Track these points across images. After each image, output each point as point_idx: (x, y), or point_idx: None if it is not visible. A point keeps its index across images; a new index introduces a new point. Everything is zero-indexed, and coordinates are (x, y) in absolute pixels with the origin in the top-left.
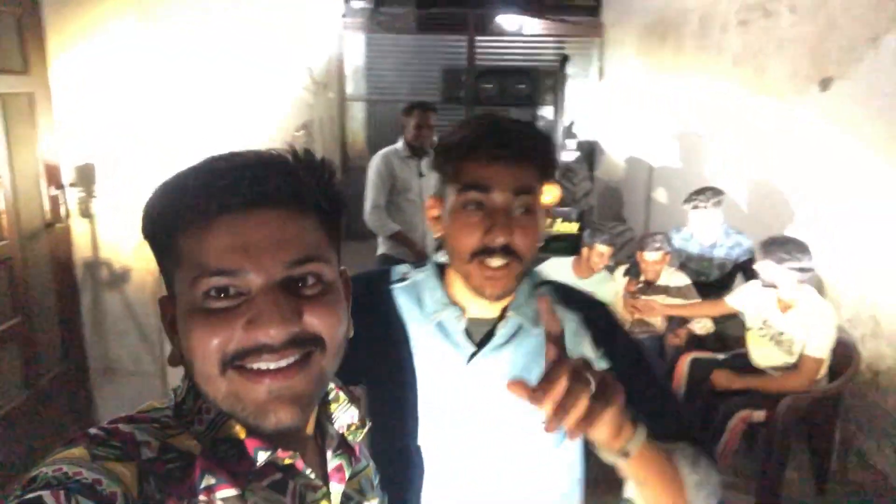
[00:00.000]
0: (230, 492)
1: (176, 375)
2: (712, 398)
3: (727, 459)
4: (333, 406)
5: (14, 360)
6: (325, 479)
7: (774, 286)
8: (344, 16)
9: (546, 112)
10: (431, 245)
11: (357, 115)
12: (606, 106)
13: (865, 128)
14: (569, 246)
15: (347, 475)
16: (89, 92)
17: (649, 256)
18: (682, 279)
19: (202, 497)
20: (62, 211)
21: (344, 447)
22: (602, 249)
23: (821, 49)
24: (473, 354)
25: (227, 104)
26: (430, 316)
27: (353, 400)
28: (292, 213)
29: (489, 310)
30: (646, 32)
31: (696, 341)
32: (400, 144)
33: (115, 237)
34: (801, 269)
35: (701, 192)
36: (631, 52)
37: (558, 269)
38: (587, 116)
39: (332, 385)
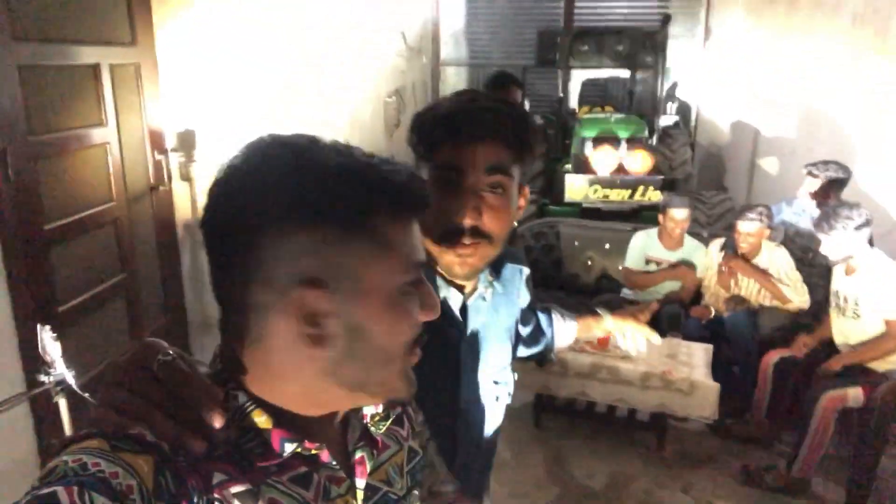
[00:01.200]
0: (246, 486)
1: None
2: (802, 388)
3: (821, 449)
4: None
5: (120, 313)
6: (350, 471)
7: (850, 258)
8: None
9: (646, 74)
10: None
11: (450, 79)
12: (712, 68)
13: None
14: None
15: (369, 468)
16: (192, 62)
17: (743, 227)
18: (783, 258)
19: (217, 494)
20: (164, 175)
21: (366, 439)
22: (675, 214)
23: None
24: (462, 331)
25: (324, 71)
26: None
27: None
28: None
29: (467, 286)
30: None
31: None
32: None
33: None
34: (863, 225)
35: (825, 163)
36: (740, 10)
37: (647, 240)
38: (691, 79)
39: None
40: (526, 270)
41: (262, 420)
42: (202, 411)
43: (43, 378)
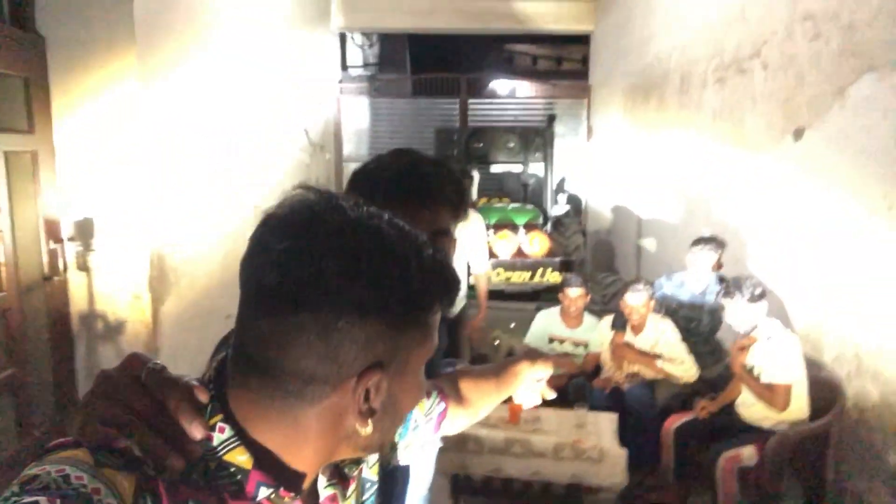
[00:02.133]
0: None
1: None
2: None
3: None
4: None
5: (8, 410)
6: None
7: (749, 328)
8: (341, 81)
9: (536, 169)
10: None
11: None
12: (595, 162)
13: (838, 173)
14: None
15: (342, 501)
16: (90, 150)
17: (631, 300)
18: (669, 329)
19: None
20: (60, 264)
21: (337, 477)
22: (571, 293)
23: (793, 102)
24: None
25: (225, 165)
26: None
27: None
28: None
29: None
30: (631, 92)
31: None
32: None
33: (111, 290)
34: (759, 297)
35: (703, 240)
36: (617, 110)
37: (548, 319)
38: (577, 173)
39: None
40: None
41: (243, 459)
42: (184, 420)
43: None
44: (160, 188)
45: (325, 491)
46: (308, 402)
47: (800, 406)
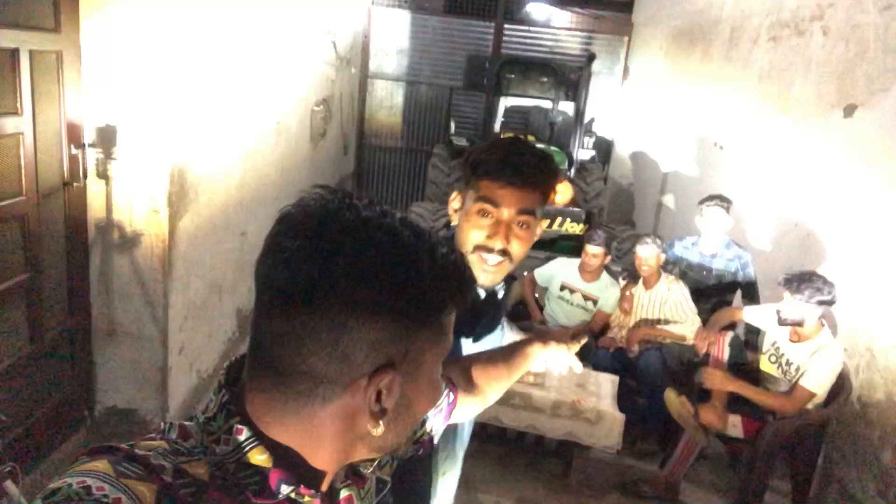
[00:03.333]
0: None
1: (176, 342)
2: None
3: (691, 457)
4: None
5: (21, 314)
6: None
7: (800, 324)
8: None
9: (567, 107)
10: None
11: (378, 92)
12: (627, 106)
13: (885, 160)
14: (575, 246)
15: (357, 502)
16: (118, 54)
17: (641, 252)
18: (680, 291)
19: None
20: (80, 171)
21: (353, 477)
22: (593, 250)
23: (849, 75)
24: (477, 330)
25: (252, 74)
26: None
27: None
28: None
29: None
30: (675, 37)
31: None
32: None
33: (130, 201)
34: (828, 303)
35: (711, 197)
36: (658, 54)
37: (567, 269)
38: (608, 115)
39: None
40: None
41: (262, 459)
42: None
43: None
44: (184, 100)
45: (342, 492)
46: (320, 402)
47: (807, 406)
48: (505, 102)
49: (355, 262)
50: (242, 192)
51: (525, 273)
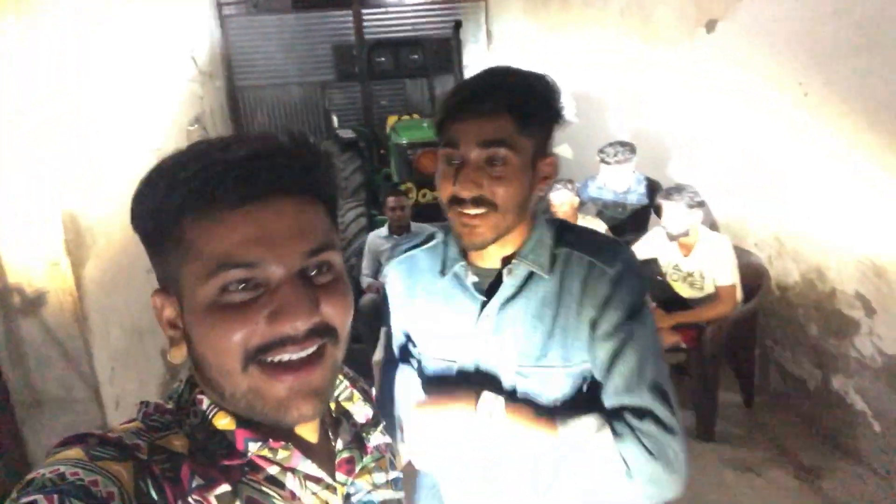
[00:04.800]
0: (223, 488)
1: (110, 396)
2: None
3: None
4: (347, 404)
5: None
6: (332, 469)
7: (686, 234)
8: (221, 2)
9: (445, 81)
10: None
11: (249, 100)
12: None
13: (753, 63)
14: None
15: (357, 468)
16: None
17: (555, 198)
18: (599, 226)
19: (195, 496)
20: None
21: (356, 442)
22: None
23: None
24: (484, 304)
25: (118, 107)
26: (446, 271)
27: (367, 398)
28: (306, 201)
29: (497, 261)
30: None
31: None
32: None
33: (25, 260)
34: (700, 204)
35: (611, 146)
36: (517, 15)
37: None
38: None
39: (346, 383)
40: (610, 271)
41: (225, 422)
42: None
43: None
44: (59, 142)
45: (342, 453)
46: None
47: (737, 301)
48: (381, 86)
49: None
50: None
51: None
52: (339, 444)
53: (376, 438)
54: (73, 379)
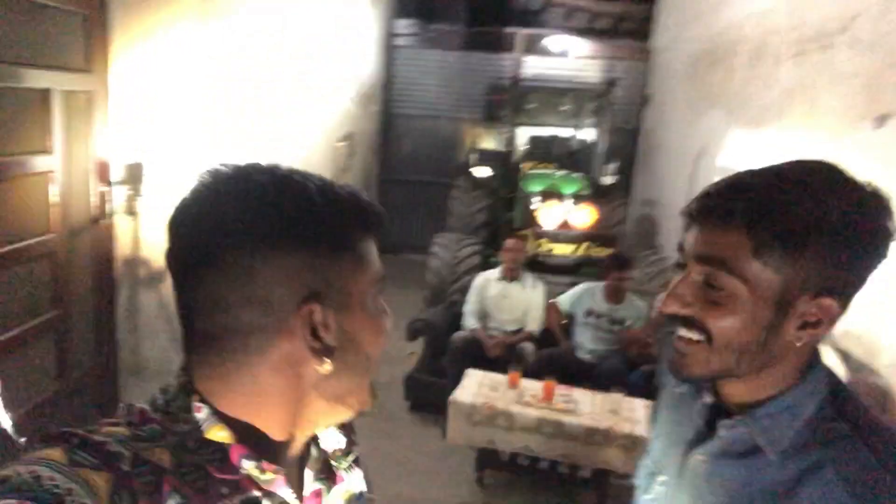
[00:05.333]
0: None
1: None
2: None
3: None
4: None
5: (48, 352)
6: (301, 500)
7: None
8: (393, 33)
9: (587, 134)
10: None
11: (399, 127)
12: (649, 131)
13: None
14: (599, 271)
15: (324, 499)
16: (146, 93)
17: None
18: None
19: None
20: (108, 208)
21: (326, 472)
22: (620, 274)
23: (878, 84)
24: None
25: (277, 112)
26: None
27: (341, 427)
28: None
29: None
30: (695, 60)
31: None
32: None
33: (157, 236)
34: None
35: None
36: (678, 78)
37: (591, 294)
38: (630, 141)
39: None
40: None
41: (222, 435)
42: None
43: None
44: (210, 136)
45: (312, 484)
46: (258, 357)
47: None
48: (526, 132)
49: (241, 201)
50: None
51: (550, 300)
52: (310, 475)
53: (346, 469)
54: (174, 356)
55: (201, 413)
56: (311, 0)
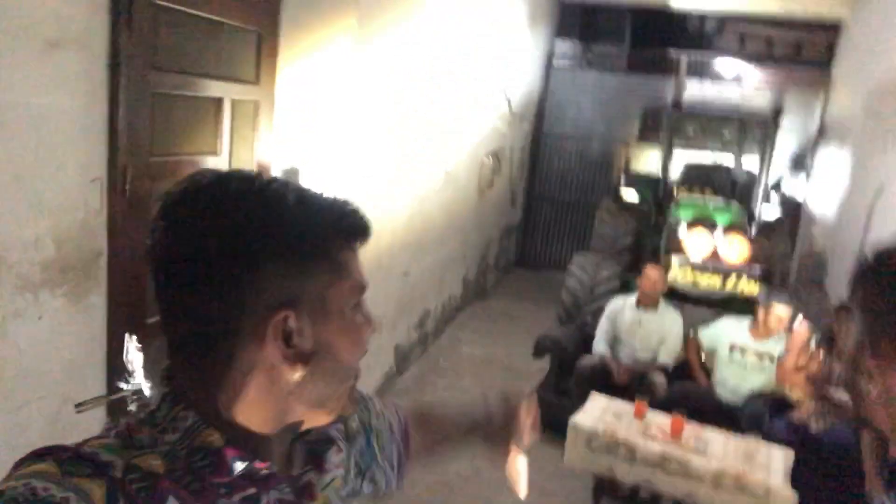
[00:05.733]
0: None
1: None
2: None
3: None
4: None
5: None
6: (300, 492)
7: None
8: (552, 53)
9: (751, 163)
10: None
11: (550, 146)
12: (824, 165)
13: None
14: (748, 307)
15: (319, 490)
16: (306, 105)
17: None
18: None
19: None
20: None
21: (312, 462)
22: (780, 311)
23: None
24: None
25: (422, 128)
26: None
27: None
28: None
29: None
30: (882, 93)
31: None
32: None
33: None
34: None
35: None
36: (860, 111)
37: (736, 329)
38: (799, 174)
39: None
40: None
41: (213, 439)
42: None
43: (122, 385)
44: (360, 147)
45: (304, 476)
46: (237, 362)
47: None
48: (684, 157)
49: (214, 213)
50: (408, 234)
51: (690, 333)
52: (297, 467)
53: (333, 455)
54: None
55: (188, 420)
56: (468, 19)
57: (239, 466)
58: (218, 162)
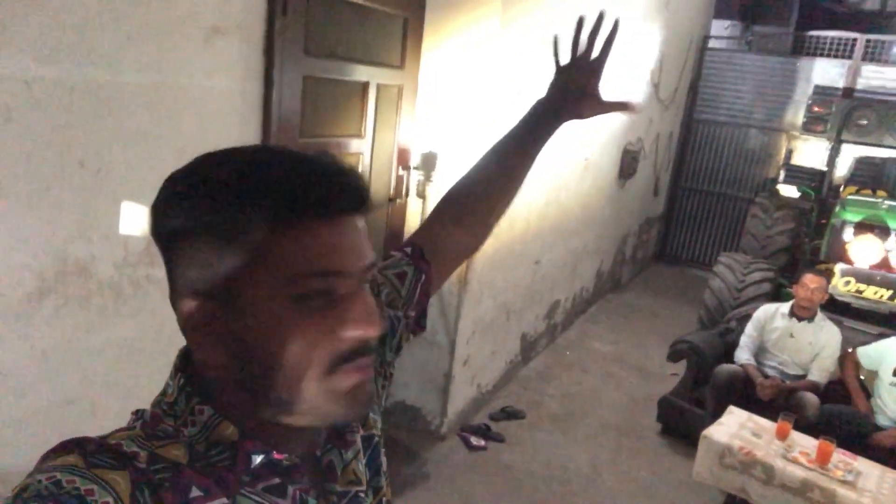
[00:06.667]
0: (220, 501)
1: (462, 353)
2: None
3: None
4: None
5: None
6: (322, 475)
7: None
8: (708, 35)
9: None
10: None
11: (701, 134)
12: None
13: None
14: None
15: (339, 470)
16: (447, 89)
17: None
18: None
19: None
20: (403, 189)
21: (334, 439)
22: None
23: None
24: None
25: None
26: None
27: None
28: (364, 219)
29: None
30: None
31: None
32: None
33: None
34: None
35: None
36: None
37: None
38: None
39: None
40: None
41: (229, 432)
42: None
43: None
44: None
45: (325, 457)
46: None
47: None
48: (854, 152)
49: (166, 191)
50: (542, 222)
51: (849, 349)
52: (319, 447)
53: (354, 430)
54: (440, 327)
55: (204, 414)
56: (616, 2)
57: (257, 459)
58: (361, 145)
